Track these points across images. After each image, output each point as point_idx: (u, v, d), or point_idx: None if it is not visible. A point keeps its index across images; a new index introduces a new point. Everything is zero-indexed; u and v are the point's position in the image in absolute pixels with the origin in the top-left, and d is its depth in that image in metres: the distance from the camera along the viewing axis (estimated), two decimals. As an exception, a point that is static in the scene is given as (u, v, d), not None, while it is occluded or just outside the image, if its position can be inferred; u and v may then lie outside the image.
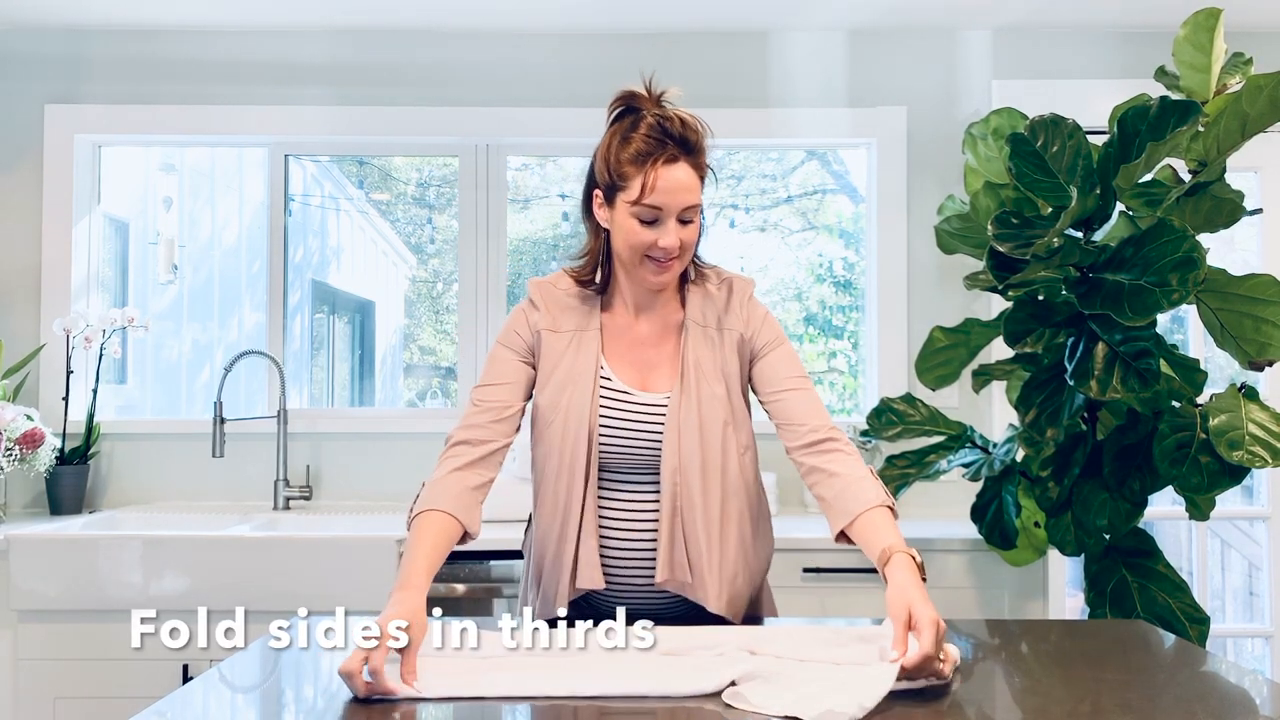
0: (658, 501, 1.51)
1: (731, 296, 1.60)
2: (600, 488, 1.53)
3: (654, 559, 1.51)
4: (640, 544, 1.52)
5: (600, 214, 1.53)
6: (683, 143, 1.46)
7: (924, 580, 1.32)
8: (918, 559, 1.34)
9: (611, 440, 1.51)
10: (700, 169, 1.48)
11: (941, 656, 1.24)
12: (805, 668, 1.29)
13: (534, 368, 1.57)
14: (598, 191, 1.52)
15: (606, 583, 1.52)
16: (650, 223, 1.46)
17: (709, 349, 1.56)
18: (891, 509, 1.43)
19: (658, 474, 1.51)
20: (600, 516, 1.53)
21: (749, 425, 1.60)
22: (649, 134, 1.45)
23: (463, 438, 1.52)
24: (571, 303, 1.58)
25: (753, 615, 1.62)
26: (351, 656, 1.21)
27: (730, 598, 1.53)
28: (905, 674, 1.21)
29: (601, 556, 1.52)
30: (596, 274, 1.59)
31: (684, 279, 1.60)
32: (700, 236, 1.55)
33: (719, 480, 1.52)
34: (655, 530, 1.51)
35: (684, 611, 1.54)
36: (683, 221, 1.47)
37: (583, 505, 1.50)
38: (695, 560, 1.50)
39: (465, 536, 1.47)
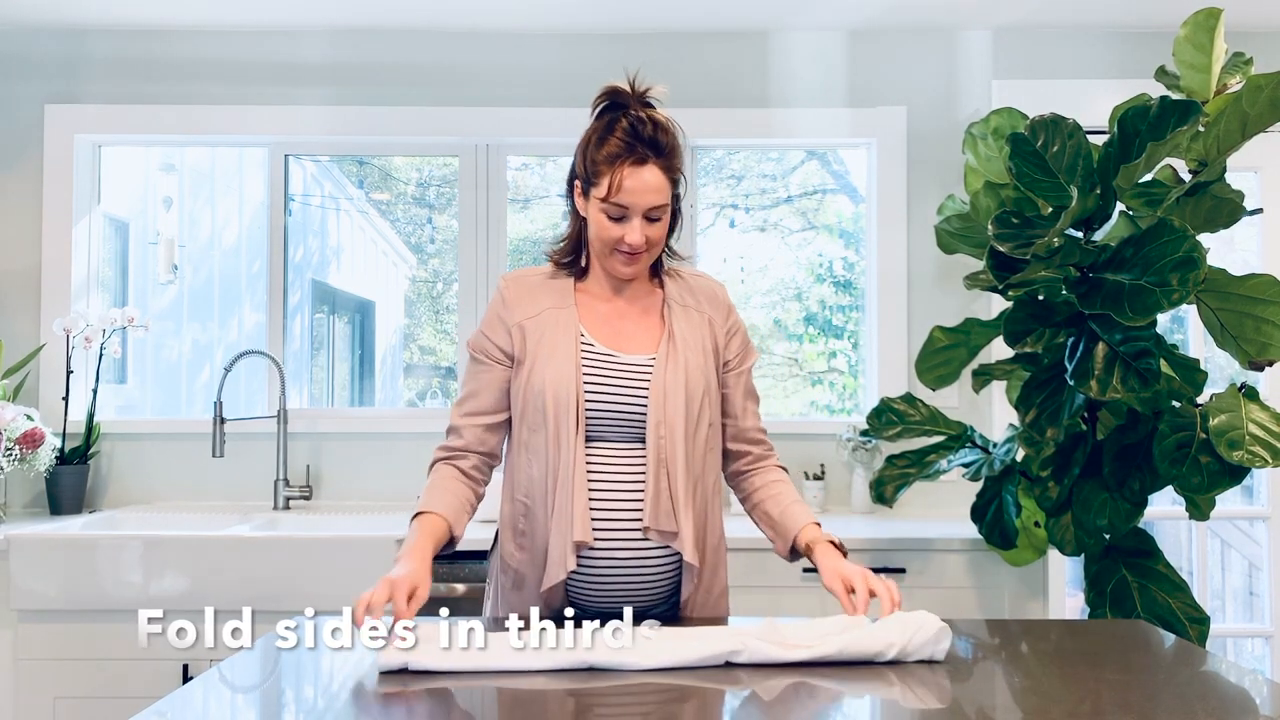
0: (642, 459, 1.55)
1: (713, 291, 1.70)
2: (586, 447, 1.56)
3: (638, 516, 1.54)
4: (625, 501, 1.55)
5: (579, 203, 1.61)
6: (653, 145, 1.52)
7: (845, 556, 1.56)
8: (837, 540, 1.58)
9: (596, 399, 1.55)
10: (671, 171, 1.55)
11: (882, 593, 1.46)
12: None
13: (512, 364, 1.62)
14: (577, 182, 1.60)
15: (594, 539, 1.54)
16: (617, 219, 1.54)
17: (690, 325, 1.63)
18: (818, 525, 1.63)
19: (641, 432, 1.55)
20: (587, 475, 1.56)
21: (718, 406, 1.66)
22: (622, 136, 1.52)
23: (446, 456, 1.62)
24: (546, 285, 1.64)
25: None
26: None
27: (703, 553, 1.60)
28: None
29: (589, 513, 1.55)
30: (577, 257, 1.66)
31: (658, 269, 1.68)
32: (674, 231, 1.63)
33: (693, 444, 1.58)
34: (639, 487, 1.55)
35: (668, 584, 1.59)
36: (650, 219, 1.54)
37: (574, 461, 1.53)
38: (677, 511, 1.54)
39: (452, 539, 1.56)
